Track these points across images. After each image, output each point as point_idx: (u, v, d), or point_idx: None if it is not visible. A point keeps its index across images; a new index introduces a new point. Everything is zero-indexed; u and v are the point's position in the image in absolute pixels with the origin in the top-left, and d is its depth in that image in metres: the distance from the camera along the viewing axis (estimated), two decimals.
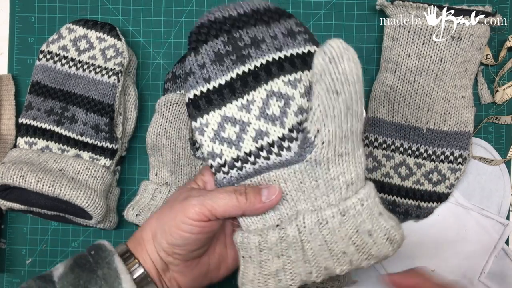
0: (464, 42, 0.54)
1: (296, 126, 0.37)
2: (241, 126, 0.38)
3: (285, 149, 0.37)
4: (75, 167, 0.54)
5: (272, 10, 0.40)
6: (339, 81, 0.34)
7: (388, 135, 0.57)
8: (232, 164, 0.38)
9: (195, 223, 0.38)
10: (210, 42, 0.38)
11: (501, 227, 0.57)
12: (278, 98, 0.37)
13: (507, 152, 0.59)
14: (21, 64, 0.61)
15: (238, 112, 0.38)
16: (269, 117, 0.37)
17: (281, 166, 0.38)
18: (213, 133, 0.38)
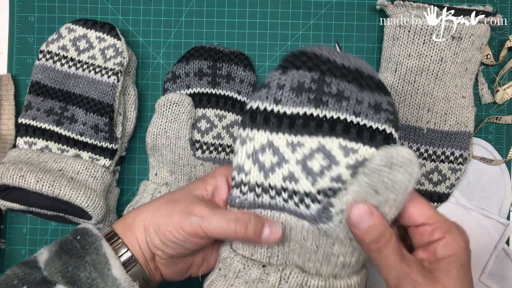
0: (464, 42, 0.54)
1: (326, 190, 0.36)
2: (279, 160, 0.37)
3: (305, 205, 0.37)
4: (75, 167, 0.54)
5: (374, 79, 0.38)
6: (385, 185, 0.34)
7: None
8: (253, 188, 0.38)
9: (189, 238, 0.38)
10: (301, 71, 0.37)
11: (502, 227, 0.57)
12: (325, 156, 0.36)
13: (507, 152, 0.59)
14: (20, 64, 0.61)
15: (285, 146, 0.37)
16: (306, 168, 0.36)
17: (294, 214, 0.38)
18: (252, 150, 0.38)
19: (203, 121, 0.58)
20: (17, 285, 0.36)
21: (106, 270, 0.37)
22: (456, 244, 0.34)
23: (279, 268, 0.38)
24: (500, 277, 0.57)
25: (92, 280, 0.37)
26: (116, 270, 0.38)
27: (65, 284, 0.36)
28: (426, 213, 0.35)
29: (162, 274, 0.42)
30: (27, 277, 0.37)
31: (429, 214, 0.35)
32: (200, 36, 0.61)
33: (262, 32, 0.60)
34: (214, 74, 0.58)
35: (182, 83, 0.59)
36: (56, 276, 0.37)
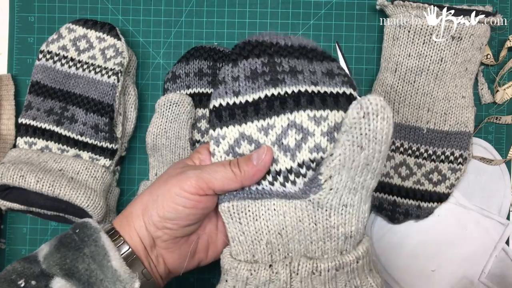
0: (464, 42, 0.54)
1: (308, 162, 0.37)
2: (256, 146, 0.38)
3: (290, 182, 0.37)
4: (75, 167, 0.54)
5: (317, 51, 0.40)
6: (367, 137, 0.34)
7: None
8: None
9: (191, 196, 0.37)
10: (250, 59, 0.38)
11: (502, 227, 0.57)
12: (298, 130, 0.37)
13: (507, 152, 0.59)
14: (20, 64, 0.61)
15: (257, 132, 0.38)
16: (283, 146, 0.37)
17: (283, 197, 0.38)
18: (228, 146, 0.38)
19: (203, 121, 0.58)
20: (15, 279, 0.36)
21: (105, 262, 0.37)
22: None
23: (286, 263, 0.37)
24: (500, 277, 0.57)
25: (91, 271, 0.37)
26: (115, 261, 0.37)
27: (63, 276, 0.36)
28: None
29: (166, 264, 0.41)
30: (26, 271, 0.37)
31: None
32: (200, 36, 0.61)
33: (262, 32, 0.60)
34: (214, 74, 0.58)
35: (182, 83, 0.59)
36: (54, 269, 0.37)
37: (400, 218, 0.56)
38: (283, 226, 0.38)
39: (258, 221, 0.39)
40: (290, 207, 0.38)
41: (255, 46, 0.39)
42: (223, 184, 0.38)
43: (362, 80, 0.60)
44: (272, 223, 0.38)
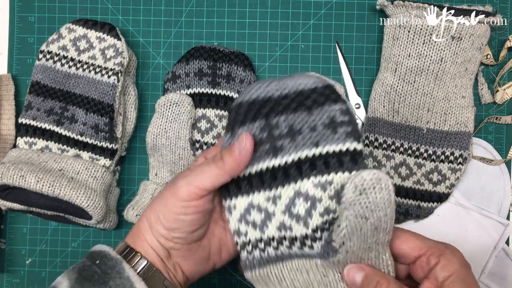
0: (464, 42, 0.54)
1: (321, 226, 0.37)
2: (266, 215, 0.38)
3: (308, 247, 0.37)
4: (75, 167, 0.54)
5: (317, 91, 0.37)
6: (368, 209, 0.34)
7: (388, 135, 0.57)
8: (256, 244, 0.39)
9: (187, 203, 0.38)
10: (247, 125, 0.38)
11: (502, 227, 0.57)
12: (305, 199, 0.37)
13: (507, 152, 0.59)
14: (20, 64, 0.61)
15: (265, 202, 0.38)
16: (293, 215, 0.37)
17: (304, 257, 0.38)
18: (239, 215, 0.39)
19: (203, 121, 0.58)
20: None
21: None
22: (451, 263, 0.35)
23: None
24: (500, 277, 0.57)
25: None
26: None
27: None
28: (417, 245, 0.36)
29: (183, 271, 0.42)
30: None
31: (419, 245, 0.36)
32: (200, 36, 0.61)
33: (262, 32, 0.60)
34: (214, 74, 0.58)
35: (182, 83, 0.59)
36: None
37: (400, 218, 0.56)
38: (309, 283, 0.38)
39: (284, 282, 0.39)
40: (312, 265, 0.38)
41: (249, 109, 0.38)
42: (213, 181, 0.38)
43: (362, 80, 0.60)
44: (298, 282, 0.39)
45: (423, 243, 0.36)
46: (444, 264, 0.35)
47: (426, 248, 0.36)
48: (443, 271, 0.35)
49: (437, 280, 0.35)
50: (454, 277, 0.34)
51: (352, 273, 0.36)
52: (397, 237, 0.37)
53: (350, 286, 0.36)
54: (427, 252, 0.36)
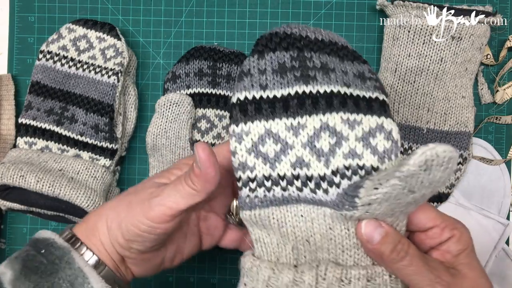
0: (464, 42, 0.54)
1: (342, 170, 0.34)
2: (283, 147, 0.34)
3: (322, 190, 0.34)
4: (75, 167, 0.54)
5: (349, 50, 0.37)
6: (422, 185, 0.31)
7: None
8: (262, 182, 0.35)
9: (157, 225, 0.35)
10: (278, 52, 0.35)
11: (502, 227, 0.57)
12: (331, 133, 0.34)
13: (507, 152, 0.59)
14: (20, 64, 0.61)
15: (285, 131, 0.34)
16: (315, 149, 0.34)
17: (312, 203, 0.35)
18: (251, 144, 0.35)
19: (203, 121, 0.58)
20: None
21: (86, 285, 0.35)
22: (466, 237, 0.34)
23: (313, 265, 0.34)
24: (500, 277, 0.57)
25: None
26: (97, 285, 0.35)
27: None
28: (433, 216, 0.35)
29: (133, 274, 0.40)
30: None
31: (436, 217, 0.35)
32: (200, 36, 0.61)
33: (262, 32, 0.60)
34: (214, 74, 0.58)
35: (182, 83, 0.59)
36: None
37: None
38: (312, 233, 0.35)
39: (284, 227, 0.35)
40: (319, 214, 0.35)
41: (283, 39, 0.35)
42: (188, 202, 0.35)
43: None
44: (300, 230, 0.35)
45: (438, 215, 0.35)
46: (459, 238, 0.34)
47: (441, 220, 0.35)
48: (458, 245, 0.34)
49: (451, 252, 0.34)
50: (468, 251, 0.34)
51: (370, 229, 0.33)
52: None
53: (364, 242, 0.33)
54: (441, 224, 0.34)
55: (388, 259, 0.32)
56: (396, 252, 0.32)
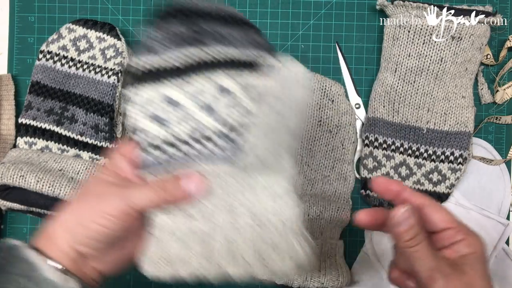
0: (464, 42, 0.54)
1: (233, 125, 0.36)
2: (175, 107, 0.36)
3: (218, 147, 0.36)
4: (75, 167, 0.54)
5: (237, 17, 0.39)
6: (286, 104, 0.35)
7: (388, 135, 0.57)
8: (158, 145, 0.36)
9: (117, 221, 0.36)
10: (171, 21, 0.37)
11: (502, 227, 0.57)
12: (225, 94, 0.36)
13: (507, 152, 0.59)
14: (20, 64, 0.61)
15: (180, 94, 0.36)
16: (210, 109, 0.36)
17: (209, 161, 0.37)
18: (145, 108, 0.36)
19: None
20: None
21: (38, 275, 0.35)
22: (478, 244, 0.38)
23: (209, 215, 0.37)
24: (500, 277, 0.57)
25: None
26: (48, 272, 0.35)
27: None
28: (447, 219, 0.39)
29: (101, 271, 0.39)
30: None
31: (450, 219, 0.39)
32: None
33: (262, 32, 0.60)
34: None
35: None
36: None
37: None
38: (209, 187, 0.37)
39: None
40: (216, 170, 0.36)
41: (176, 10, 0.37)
42: (150, 206, 0.37)
43: (362, 80, 0.60)
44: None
45: (454, 219, 0.39)
46: (470, 242, 0.38)
47: (455, 224, 0.39)
48: (468, 248, 0.38)
49: (459, 252, 0.38)
50: (477, 255, 0.37)
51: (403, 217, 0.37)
52: (430, 206, 0.39)
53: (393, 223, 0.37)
54: (456, 227, 0.38)
55: (404, 243, 0.37)
56: (413, 240, 0.37)
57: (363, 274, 0.58)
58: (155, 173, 0.37)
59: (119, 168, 0.39)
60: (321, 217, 0.56)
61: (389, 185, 0.40)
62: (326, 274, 0.53)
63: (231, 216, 0.37)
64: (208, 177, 0.37)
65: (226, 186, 0.37)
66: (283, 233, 0.37)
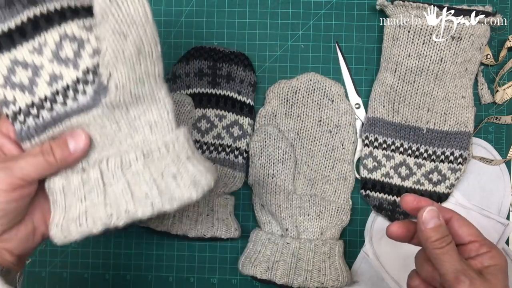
0: (464, 42, 0.54)
1: (92, 68, 0.36)
2: (34, 70, 0.36)
3: (81, 93, 0.36)
4: None
5: None
6: (125, 23, 0.34)
7: (388, 135, 0.57)
8: (28, 111, 0.37)
9: (10, 194, 0.36)
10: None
11: (501, 227, 0.57)
12: (72, 40, 0.36)
13: (507, 152, 0.59)
14: None
15: (30, 55, 0.36)
16: (62, 60, 0.36)
17: (81, 112, 0.37)
18: (3, 78, 0.36)
19: (203, 121, 0.58)
20: None
21: None
22: (501, 257, 0.41)
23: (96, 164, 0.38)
24: None
25: None
26: None
27: None
28: (473, 233, 0.42)
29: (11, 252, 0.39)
30: None
31: (475, 233, 0.42)
32: (200, 36, 0.61)
33: (262, 32, 0.60)
34: (214, 74, 0.58)
35: (182, 83, 0.59)
36: None
37: (400, 218, 0.56)
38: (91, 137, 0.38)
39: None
40: (90, 118, 0.37)
41: None
42: (39, 174, 0.37)
43: (362, 80, 0.60)
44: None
45: (478, 233, 0.42)
46: (494, 255, 0.40)
47: (480, 238, 0.41)
48: (492, 260, 0.40)
49: (483, 263, 0.40)
50: (499, 267, 0.40)
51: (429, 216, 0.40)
52: (458, 220, 0.42)
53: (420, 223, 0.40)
54: (481, 241, 0.41)
55: (432, 243, 0.40)
56: (440, 241, 0.40)
57: (363, 274, 0.58)
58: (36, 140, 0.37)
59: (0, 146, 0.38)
60: (321, 217, 0.56)
61: (418, 203, 0.43)
62: (326, 274, 0.53)
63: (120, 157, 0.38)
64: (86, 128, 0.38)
65: (103, 129, 0.38)
66: (172, 156, 0.38)
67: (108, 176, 0.38)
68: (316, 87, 0.58)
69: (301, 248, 0.54)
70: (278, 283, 0.52)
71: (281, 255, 0.54)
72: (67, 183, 0.38)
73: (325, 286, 0.53)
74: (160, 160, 0.38)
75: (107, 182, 0.38)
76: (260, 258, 0.54)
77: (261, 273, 0.53)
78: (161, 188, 0.38)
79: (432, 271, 0.42)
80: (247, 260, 0.55)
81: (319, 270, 0.53)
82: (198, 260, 0.59)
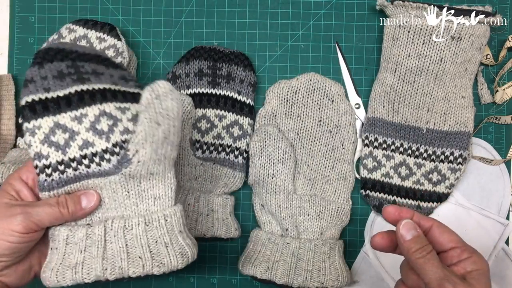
0: (464, 42, 0.54)
1: (120, 143, 0.42)
2: (71, 134, 0.42)
3: (106, 161, 0.42)
4: None
5: (110, 61, 0.47)
6: (161, 115, 0.41)
7: (388, 135, 0.57)
8: (56, 167, 0.42)
9: (21, 235, 0.40)
10: (55, 62, 0.43)
11: (501, 227, 0.57)
12: (108, 117, 0.42)
13: (507, 152, 0.59)
14: (21, 64, 0.61)
15: (71, 122, 0.42)
16: (97, 131, 0.42)
17: (99, 175, 0.43)
18: (43, 136, 0.42)
19: (203, 121, 0.58)
20: None
21: None
22: (483, 262, 0.41)
23: (102, 221, 0.44)
24: (499, 277, 0.57)
25: None
26: None
27: None
28: (453, 239, 0.42)
29: (7, 285, 0.43)
30: None
31: (456, 239, 0.42)
32: (200, 36, 0.61)
33: (262, 32, 0.60)
34: (214, 74, 0.58)
35: (183, 83, 0.59)
36: None
37: None
38: (101, 198, 0.45)
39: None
40: (106, 183, 0.44)
41: (58, 52, 0.43)
42: (52, 222, 0.42)
43: (362, 80, 0.60)
44: None
45: (459, 239, 0.42)
46: (476, 260, 0.41)
47: (461, 244, 0.42)
48: (474, 265, 0.41)
49: (465, 268, 0.41)
50: (482, 271, 0.41)
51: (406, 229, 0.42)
52: (438, 227, 0.43)
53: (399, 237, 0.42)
54: (462, 247, 0.42)
55: (413, 254, 0.41)
56: (420, 250, 0.41)
57: (363, 274, 0.58)
58: (54, 192, 0.43)
59: (18, 191, 0.43)
60: (321, 217, 0.56)
61: (400, 214, 0.44)
62: (326, 274, 0.53)
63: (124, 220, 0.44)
64: (99, 189, 0.44)
65: (113, 193, 0.44)
66: (168, 228, 0.44)
67: (110, 234, 0.44)
68: (316, 87, 0.58)
69: (301, 248, 0.54)
70: (278, 283, 0.53)
71: (281, 255, 0.54)
72: (72, 234, 0.44)
73: (325, 286, 0.53)
74: (158, 229, 0.44)
75: (108, 239, 0.44)
76: (260, 258, 0.54)
77: (261, 273, 0.53)
78: (153, 253, 0.44)
79: (418, 280, 0.43)
80: (247, 260, 0.55)
81: (319, 270, 0.53)
82: (198, 260, 0.59)
